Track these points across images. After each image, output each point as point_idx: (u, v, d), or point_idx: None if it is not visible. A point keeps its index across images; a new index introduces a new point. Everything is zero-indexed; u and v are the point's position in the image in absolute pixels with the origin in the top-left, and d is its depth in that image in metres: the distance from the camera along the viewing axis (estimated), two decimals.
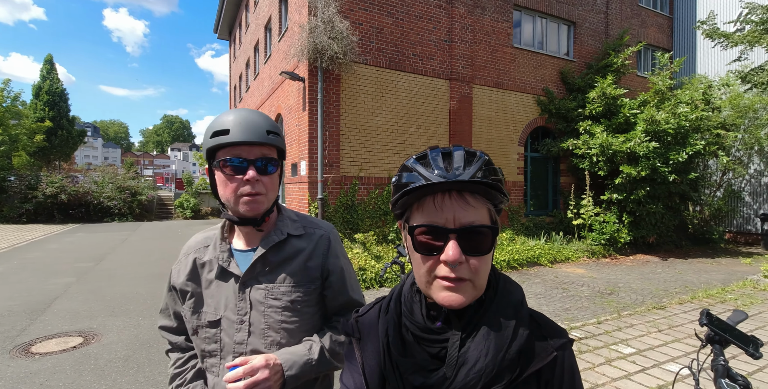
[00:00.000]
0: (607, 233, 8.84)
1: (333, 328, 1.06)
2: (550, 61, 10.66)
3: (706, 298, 5.65)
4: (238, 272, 0.99)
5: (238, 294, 0.98)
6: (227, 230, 1.06)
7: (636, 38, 12.11)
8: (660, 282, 6.73)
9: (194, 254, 1.04)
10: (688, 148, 8.36)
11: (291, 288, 1.00)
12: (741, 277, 6.97)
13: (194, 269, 1.02)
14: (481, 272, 0.62)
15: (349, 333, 0.76)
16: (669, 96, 9.05)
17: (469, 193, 0.61)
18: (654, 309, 5.16)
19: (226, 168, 0.94)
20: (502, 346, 0.61)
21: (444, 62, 8.99)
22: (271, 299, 0.98)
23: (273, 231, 1.03)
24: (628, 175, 8.50)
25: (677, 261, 8.71)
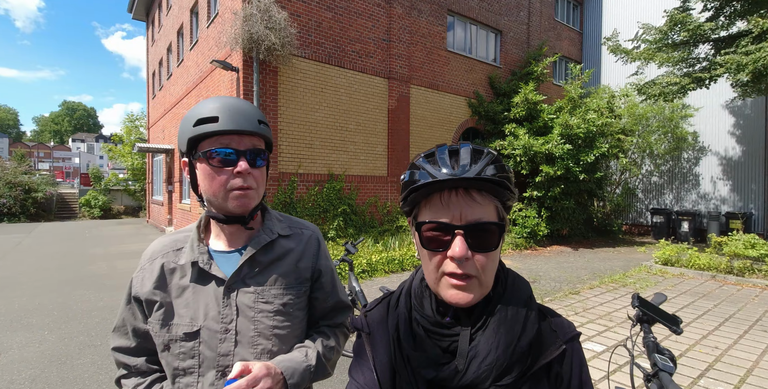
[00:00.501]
0: (529, 227, 9.67)
1: (322, 333, 1.01)
2: (479, 66, 11.31)
3: (611, 283, 6.45)
4: (222, 275, 0.89)
5: (222, 300, 0.89)
6: (203, 230, 0.97)
7: (552, 50, 13.32)
8: (573, 270, 7.54)
9: (161, 259, 0.93)
10: (595, 151, 9.45)
11: (283, 291, 0.93)
12: (637, 264, 8.07)
13: (162, 276, 0.92)
14: (487, 268, 0.62)
15: (358, 328, 0.76)
16: (580, 103, 10.14)
17: (476, 190, 0.62)
18: (570, 294, 5.76)
19: (214, 159, 0.85)
20: (512, 340, 0.63)
21: (383, 61, 9.10)
22: (261, 303, 0.90)
23: (262, 230, 0.96)
24: (546, 173, 9.37)
25: (586, 250, 9.82)
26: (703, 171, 11.80)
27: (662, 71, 9.14)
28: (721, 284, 6.45)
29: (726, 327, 4.43)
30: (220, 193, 0.87)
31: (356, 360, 0.76)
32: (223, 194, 0.87)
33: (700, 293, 5.91)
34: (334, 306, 1.05)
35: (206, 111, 0.86)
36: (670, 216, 11.51)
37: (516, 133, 10.00)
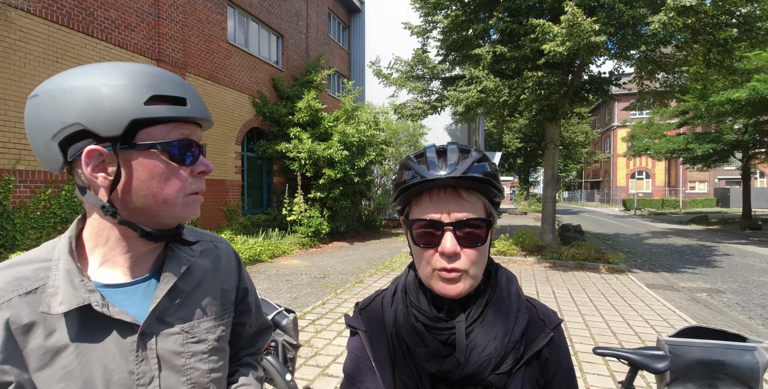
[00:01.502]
0: (313, 226, 10.27)
1: (248, 366, 0.86)
2: (263, 66, 11.15)
3: (384, 269, 7.66)
4: (130, 319, 0.65)
5: (135, 354, 0.65)
6: (77, 257, 0.67)
7: (328, 64, 14.57)
8: (354, 262, 8.53)
9: (5, 312, 0.60)
10: (366, 157, 10.97)
11: (214, 323, 0.75)
12: (398, 251, 9.87)
13: (9, 340, 0.59)
14: (477, 262, 0.65)
15: (355, 327, 0.76)
16: (354, 115, 11.52)
17: (464, 188, 0.65)
18: (356, 284, 6.52)
19: (175, 154, 0.65)
20: (507, 330, 0.66)
21: (150, 39, 7.68)
22: (192, 344, 0.70)
23: (177, 249, 0.74)
24: (329, 176, 10.20)
25: (360, 244, 11.25)
26: None
27: (410, 97, 11.48)
28: None
29: None
30: (175, 198, 0.65)
31: (350, 357, 0.75)
32: (181, 200, 0.66)
33: None
34: (257, 331, 0.92)
35: (163, 85, 0.63)
36: None
37: (300, 137, 10.42)
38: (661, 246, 11.85)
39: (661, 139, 19.02)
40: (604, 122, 41.13)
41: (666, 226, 17.94)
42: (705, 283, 7.14)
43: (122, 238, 0.67)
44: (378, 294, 0.81)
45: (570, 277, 7.17)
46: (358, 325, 0.77)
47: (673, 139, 18.20)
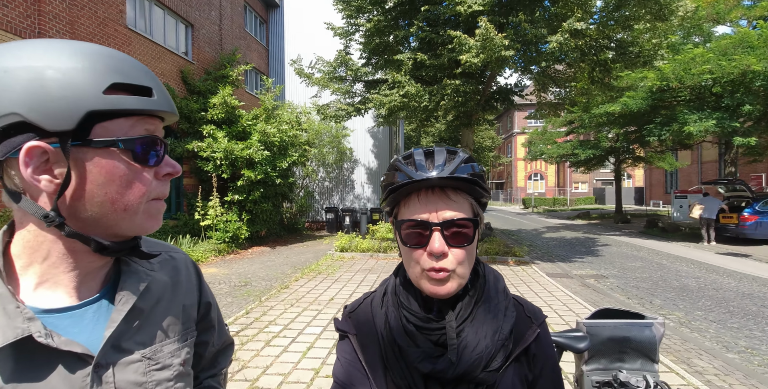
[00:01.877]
0: (231, 231, 9.63)
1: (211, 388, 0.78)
2: (170, 57, 10.15)
3: (310, 272, 7.50)
4: (81, 349, 0.54)
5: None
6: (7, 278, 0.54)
7: (245, 59, 13.79)
8: (277, 267, 8.20)
9: None
10: (288, 158, 10.63)
11: (178, 344, 0.66)
12: (323, 253, 9.73)
13: None
14: (464, 262, 0.66)
15: (345, 330, 0.74)
16: (275, 114, 11.07)
17: (451, 189, 0.65)
18: (282, 289, 6.28)
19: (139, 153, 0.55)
20: (497, 328, 0.67)
21: (28, 16, 6.51)
22: (156, 371, 0.61)
23: (133, 262, 0.64)
24: (248, 178, 9.65)
25: (282, 248, 10.84)
26: (357, 177, 15.64)
27: (334, 97, 11.41)
28: (377, 260, 8.87)
29: None
30: (137, 204, 0.55)
31: (340, 362, 0.73)
32: (139, 207, 0.56)
33: (367, 269, 7.91)
34: (219, 349, 0.82)
35: (127, 71, 0.54)
36: (338, 213, 14.55)
37: (215, 135, 9.71)
38: (556, 239, 13.45)
39: (552, 145, 21.60)
40: (506, 129, 45.40)
41: (558, 222, 20.40)
42: (592, 270, 8.28)
43: (68, 253, 0.56)
44: (366, 297, 0.81)
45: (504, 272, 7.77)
46: (347, 329, 0.76)
47: (563, 145, 20.80)
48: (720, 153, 22.44)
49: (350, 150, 15.20)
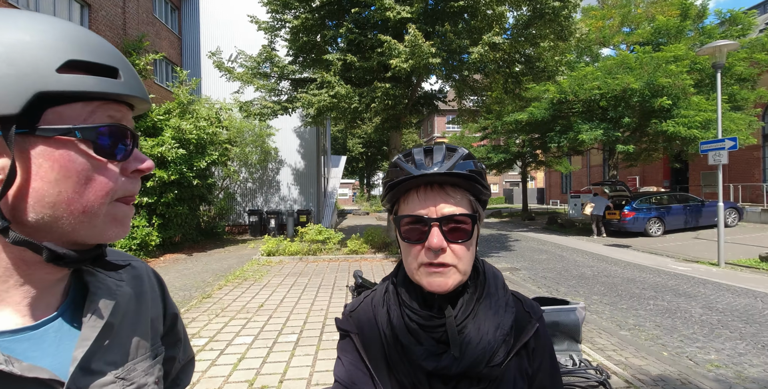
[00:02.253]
0: (138, 237, 8.67)
1: None
2: None
3: (235, 279, 7.06)
4: (48, 375, 0.46)
5: None
6: None
7: (153, 47, 12.50)
8: (196, 275, 7.58)
9: None
10: (207, 157, 9.88)
11: (150, 361, 0.60)
12: (249, 258, 9.22)
13: None
14: (463, 258, 0.66)
15: (347, 330, 0.73)
16: (190, 110, 10.22)
17: (450, 185, 0.66)
18: (204, 299, 5.82)
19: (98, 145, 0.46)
20: (498, 324, 0.68)
21: None
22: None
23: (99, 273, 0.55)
24: (160, 178, 8.77)
25: (200, 254, 10.04)
26: (282, 178, 15.11)
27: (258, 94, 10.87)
28: (306, 263, 8.67)
29: (322, 292, 6.10)
30: (100, 206, 0.47)
31: (341, 361, 0.71)
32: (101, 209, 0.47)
33: (297, 272, 7.68)
34: (183, 365, 0.75)
35: (87, 48, 0.45)
36: (262, 216, 13.91)
37: None
38: None
39: (469, 150, 23.18)
40: (427, 132, 47.54)
41: None
42: (507, 264, 9.04)
43: (17, 265, 0.47)
44: (366, 296, 0.80)
45: None
46: (349, 328, 0.75)
47: (478, 149, 22.41)
48: (604, 158, 26.05)
49: (275, 149, 14.64)
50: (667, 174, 21.98)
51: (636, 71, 12.15)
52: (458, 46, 6.88)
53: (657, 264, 8.76)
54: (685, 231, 13.35)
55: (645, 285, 6.80)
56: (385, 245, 9.57)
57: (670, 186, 21.39)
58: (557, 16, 7.21)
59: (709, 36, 13.58)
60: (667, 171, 21.88)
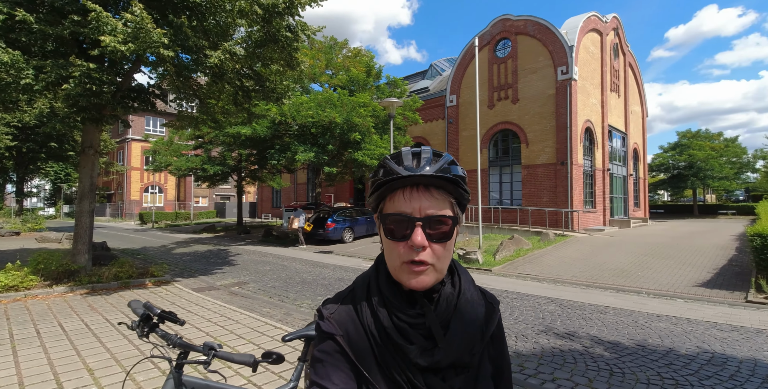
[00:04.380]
0: None
1: None
2: None
3: None
4: None
5: None
6: None
7: None
8: None
9: None
10: None
11: None
12: None
13: None
14: (442, 257, 0.70)
15: (332, 333, 0.71)
16: None
17: (434, 187, 0.70)
18: None
19: None
20: (476, 316, 0.74)
21: None
22: None
23: None
24: None
25: None
26: None
27: None
28: None
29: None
30: None
31: (324, 365, 0.68)
32: None
33: None
34: None
35: None
36: None
37: None
38: (189, 254, 13.09)
39: (180, 158, 20.94)
40: (117, 132, 39.13)
41: (185, 236, 19.83)
42: (233, 279, 8.78)
43: None
44: (343, 297, 0.78)
45: (118, 299, 6.47)
46: (334, 331, 0.72)
47: (192, 158, 20.63)
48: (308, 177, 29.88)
49: None
50: (352, 192, 27.66)
51: (338, 108, 14.86)
52: (195, 44, 6.28)
53: (354, 264, 10.87)
54: (366, 237, 17.18)
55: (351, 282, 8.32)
56: (68, 274, 7.18)
57: (354, 202, 26.98)
58: (289, 45, 7.91)
59: (382, 92, 18.42)
60: (352, 190, 27.57)
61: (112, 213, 38.47)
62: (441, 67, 26.96)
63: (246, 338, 4.58)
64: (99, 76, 5.94)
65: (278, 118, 14.28)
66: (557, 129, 17.22)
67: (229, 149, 18.94)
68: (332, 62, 18.50)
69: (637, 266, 9.60)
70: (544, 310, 6.04)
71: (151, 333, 1.50)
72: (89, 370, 3.60)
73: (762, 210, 11.77)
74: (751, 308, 6.16)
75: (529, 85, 18.32)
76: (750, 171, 37.50)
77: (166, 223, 29.15)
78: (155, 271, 8.17)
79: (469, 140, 20.03)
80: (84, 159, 7.47)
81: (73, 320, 5.24)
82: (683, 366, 3.86)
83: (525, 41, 18.53)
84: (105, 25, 5.50)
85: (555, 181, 17.26)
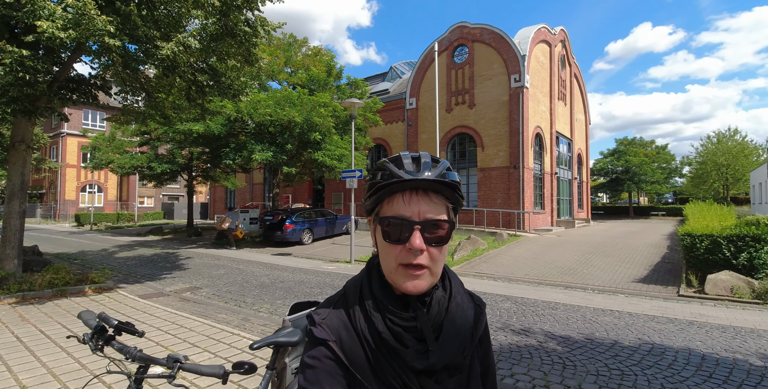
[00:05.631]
0: None
1: None
2: None
3: None
4: None
5: None
6: None
7: None
8: None
9: None
10: None
11: None
12: None
13: None
14: (438, 261, 0.71)
15: (324, 339, 0.70)
16: None
17: (433, 192, 0.71)
18: None
19: None
20: (466, 319, 0.75)
21: None
22: None
23: None
24: None
25: None
26: None
27: None
28: None
29: None
30: None
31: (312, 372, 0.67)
32: None
33: None
34: None
35: None
36: None
37: None
38: (134, 258, 12.24)
39: (124, 155, 19.55)
40: (50, 126, 35.81)
41: (129, 239, 18.51)
42: (185, 284, 8.32)
43: None
44: (334, 302, 0.78)
45: (54, 308, 5.91)
46: (327, 337, 0.71)
47: (137, 156, 19.32)
48: (265, 177, 29.01)
49: None
50: (311, 193, 27.22)
51: (298, 107, 14.56)
52: (145, 35, 5.87)
53: (314, 266, 10.68)
54: (325, 238, 16.97)
55: (312, 285, 8.16)
56: None
57: (313, 203, 26.56)
58: (248, 40, 7.63)
59: (343, 92, 18.29)
60: (311, 191, 27.13)
61: (43, 214, 35.08)
62: (401, 69, 27.27)
63: (201, 346, 4.35)
64: (33, 64, 5.39)
65: (234, 116, 13.73)
66: (510, 134, 18.01)
67: (180, 147, 17.95)
68: (291, 60, 18.12)
69: (583, 264, 10.25)
70: (500, 308, 6.27)
71: (107, 346, 1.38)
72: (23, 388, 3.25)
73: (689, 212, 13.00)
74: (682, 301, 6.77)
75: (484, 91, 19.00)
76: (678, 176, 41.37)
77: (106, 225, 27.08)
78: (96, 277, 7.55)
79: (428, 143, 20.41)
80: (14, 155, 6.74)
81: (2, 332, 4.71)
82: (627, 357, 4.17)
83: (481, 49, 19.21)
84: (42, 10, 5.00)
85: (508, 183, 18.03)
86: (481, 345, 0.82)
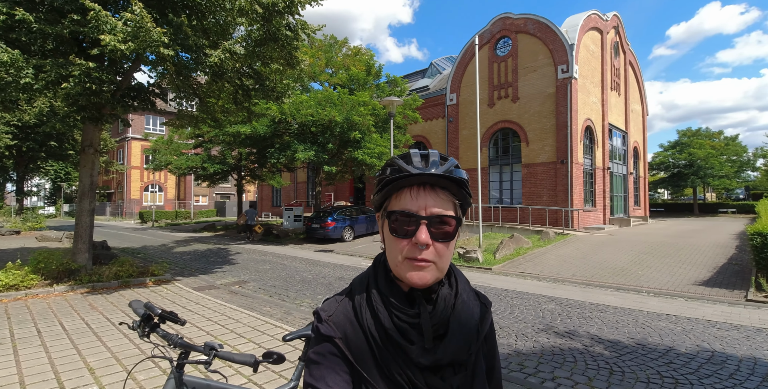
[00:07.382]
0: None
1: None
2: None
3: None
4: None
5: None
6: None
7: None
8: None
9: None
10: None
11: None
12: None
13: None
14: (444, 256, 0.71)
15: (330, 336, 0.71)
16: None
17: (440, 188, 0.71)
18: None
19: None
20: (472, 316, 0.76)
21: None
22: None
23: None
24: None
25: None
26: None
27: None
28: None
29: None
30: None
31: (317, 368, 0.68)
32: None
33: None
34: None
35: None
36: None
37: None
38: (189, 253, 13.10)
39: (180, 156, 20.94)
40: (117, 132, 39.13)
41: (185, 235, 19.84)
42: (233, 278, 8.79)
43: None
44: (340, 299, 0.78)
45: (118, 298, 6.48)
46: (333, 333, 0.72)
47: (192, 157, 20.62)
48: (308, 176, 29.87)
49: None
50: (352, 191, 27.66)
51: (338, 107, 14.84)
52: (195, 44, 6.27)
53: (354, 263, 10.87)
54: (366, 235, 17.18)
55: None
56: (68, 273, 7.19)
57: (354, 201, 26.98)
58: (289, 44, 7.89)
59: (382, 91, 18.38)
60: (352, 189, 27.57)
61: (112, 212, 38.48)
62: (441, 65, 26.92)
63: (246, 337, 4.59)
64: (98, 75, 5.93)
65: (278, 117, 14.26)
66: (557, 127, 17.21)
67: (229, 148, 18.93)
68: (332, 61, 18.47)
69: (637, 264, 9.61)
70: (544, 309, 6.05)
71: (152, 333, 1.50)
72: (90, 369, 3.61)
73: (762, 209, 11.77)
74: (750, 307, 6.17)
75: (529, 83, 18.29)
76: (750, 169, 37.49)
77: (166, 222, 29.17)
78: (155, 270, 8.18)
79: (469, 139, 20.01)
80: (84, 158, 7.47)
81: (74, 319, 5.25)
82: (683, 365, 3.87)
83: (525, 40, 18.50)
84: (104, 24, 5.49)
85: (555, 179, 17.26)
86: (486, 342, 0.83)
